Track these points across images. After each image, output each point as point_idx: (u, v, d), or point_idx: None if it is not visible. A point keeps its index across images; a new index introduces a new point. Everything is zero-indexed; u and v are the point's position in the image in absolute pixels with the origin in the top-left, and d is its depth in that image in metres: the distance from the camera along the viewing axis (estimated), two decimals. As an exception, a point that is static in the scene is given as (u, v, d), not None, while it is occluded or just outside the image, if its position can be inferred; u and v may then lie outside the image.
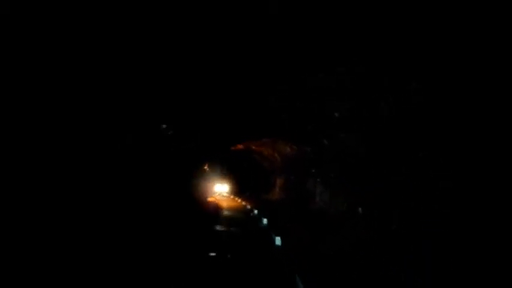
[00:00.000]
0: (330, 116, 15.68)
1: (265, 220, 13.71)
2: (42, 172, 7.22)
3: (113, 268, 6.77)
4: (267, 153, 29.61)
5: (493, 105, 7.79)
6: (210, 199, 26.59)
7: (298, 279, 4.92)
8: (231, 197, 32.86)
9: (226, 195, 34.54)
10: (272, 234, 9.43)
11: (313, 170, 23.69)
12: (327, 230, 13.39)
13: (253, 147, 29.07)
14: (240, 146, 27.53)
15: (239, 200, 29.00)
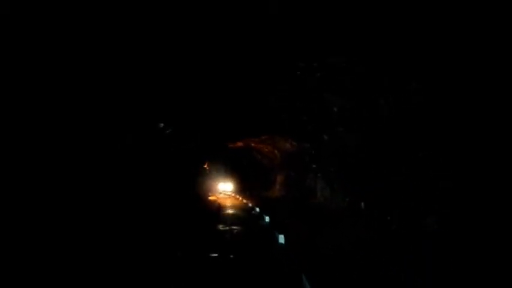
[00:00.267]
0: (330, 111, 15.59)
1: (267, 218, 13.66)
2: (42, 172, 7.15)
3: (111, 269, 6.71)
4: (266, 150, 29.54)
5: (493, 104, 7.75)
6: (212, 198, 26.54)
7: (305, 280, 4.85)
8: (233, 195, 32.75)
9: (229, 194, 34.35)
10: (275, 232, 9.37)
11: (314, 165, 23.61)
12: (328, 226, 13.34)
13: (253, 145, 28.99)
14: (239, 144, 27.46)
15: (240, 198, 28.97)
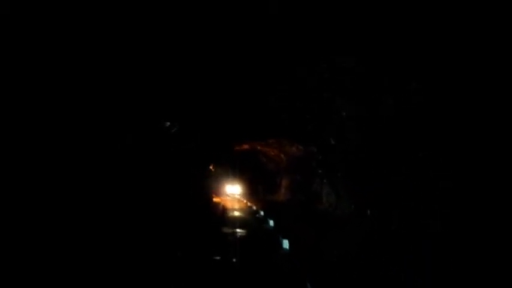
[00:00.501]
0: (338, 116, 15.43)
1: (271, 222, 13.50)
2: (42, 172, 7.07)
3: (111, 274, 6.59)
4: (273, 153, 29.37)
5: (493, 105, 7.76)
6: (216, 200, 26.40)
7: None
8: (240, 198, 32.17)
9: (237, 197, 33.26)
10: (279, 236, 9.21)
11: (320, 170, 23.39)
12: (333, 232, 13.15)
13: (259, 148, 28.85)
14: (246, 146, 27.33)
15: (245, 201, 28.81)
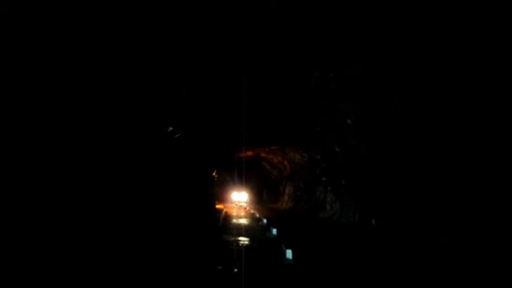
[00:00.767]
0: (343, 123, 15.21)
1: (274, 230, 13.21)
2: (42, 172, 6.89)
3: (108, 277, 6.36)
4: (276, 160, 29.14)
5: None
6: (219, 206, 26.14)
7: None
8: (245, 206, 31.49)
9: (243, 205, 32.30)
10: (282, 245, 8.93)
11: (324, 178, 23.13)
12: (338, 241, 12.86)
13: (263, 155, 28.62)
14: (249, 153, 27.10)
15: (247, 208, 28.50)
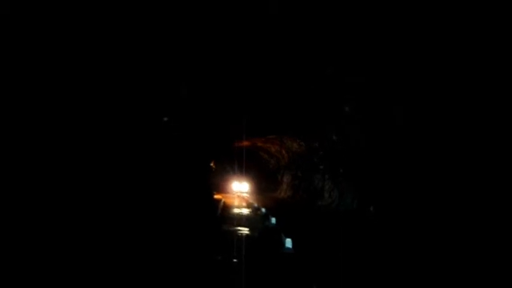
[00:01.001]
0: (340, 111, 15.12)
1: (273, 219, 13.22)
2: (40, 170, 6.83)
3: (106, 271, 6.33)
4: (274, 149, 29.08)
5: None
6: (217, 196, 26.15)
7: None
8: (246, 196, 31.23)
9: (245, 195, 31.76)
10: (282, 235, 8.92)
11: (321, 166, 23.11)
12: (337, 229, 12.88)
13: (260, 144, 28.54)
14: (246, 143, 27.02)
15: (246, 198, 28.53)
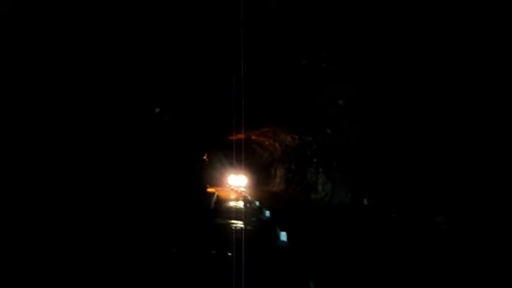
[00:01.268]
0: (334, 104, 15.05)
1: (267, 212, 13.17)
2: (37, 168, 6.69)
3: (104, 265, 6.21)
4: (267, 143, 29.00)
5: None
6: (210, 190, 26.05)
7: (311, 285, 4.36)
8: (242, 189, 30.72)
9: (242, 189, 31.16)
10: (277, 228, 8.85)
11: (315, 159, 23.11)
12: (331, 222, 12.89)
13: (253, 137, 28.43)
14: (240, 136, 26.87)
15: (239, 191, 28.47)
